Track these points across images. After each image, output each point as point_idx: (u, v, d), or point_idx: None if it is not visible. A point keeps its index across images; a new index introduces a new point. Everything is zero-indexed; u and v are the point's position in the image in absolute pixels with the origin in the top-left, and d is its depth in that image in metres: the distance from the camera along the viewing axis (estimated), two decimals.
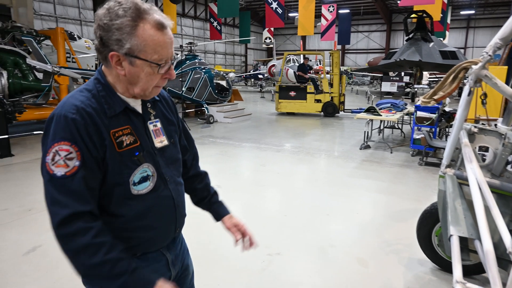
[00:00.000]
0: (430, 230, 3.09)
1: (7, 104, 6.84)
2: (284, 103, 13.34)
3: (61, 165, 1.05)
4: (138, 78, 1.14)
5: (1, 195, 4.86)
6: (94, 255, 1.05)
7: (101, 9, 1.11)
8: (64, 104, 1.11)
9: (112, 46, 1.10)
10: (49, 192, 1.07)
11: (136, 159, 1.18)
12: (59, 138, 1.06)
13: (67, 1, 25.18)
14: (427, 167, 6.54)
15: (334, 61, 12.78)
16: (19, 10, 10.51)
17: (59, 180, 1.05)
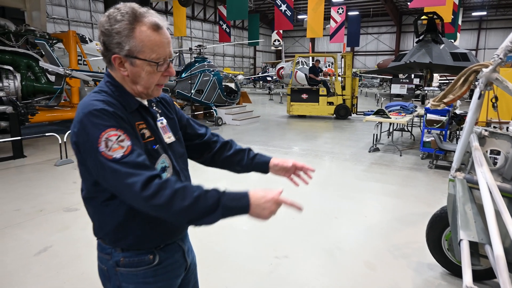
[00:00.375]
0: (440, 234, 3.06)
1: (20, 106, 6.97)
2: (296, 105, 13.23)
3: (116, 148, 1.11)
4: (140, 77, 1.22)
5: (14, 196, 4.95)
6: (185, 198, 1.11)
7: (102, 17, 1.20)
8: (87, 104, 1.16)
9: (114, 49, 1.18)
10: (117, 174, 1.10)
11: (156, 150, 1.26)
12: (102, 128, 1.11)
13: (79, 5, 25.58)
14: (437, 170, 6.47)
15: (346, 63, 12.70)
16: (33, 14, 10.71)
17: (121, 160, 1.10)
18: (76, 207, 4.57)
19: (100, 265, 1.34)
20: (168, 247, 1.35)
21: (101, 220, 1.29)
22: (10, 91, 7.92)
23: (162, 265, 1.32)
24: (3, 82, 7.96)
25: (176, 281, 1.41)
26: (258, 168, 1.63)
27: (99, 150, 1.10)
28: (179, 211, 1.11)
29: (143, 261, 1.28)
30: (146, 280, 1.30)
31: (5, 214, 4.34)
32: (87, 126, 1.12)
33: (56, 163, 6.49)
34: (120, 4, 1.19)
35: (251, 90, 28.88)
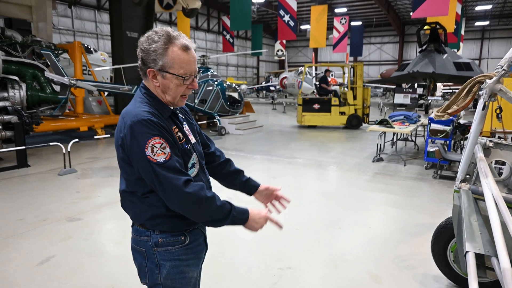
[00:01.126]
0: (445, 245, 3.02)
1: (25, 116, 7.02)
2: (308, 116, 13.11)
3: (160, 154, 1.39)
4: (169, 88, 1.49)
5: (17, 205, 4.96)
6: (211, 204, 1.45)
7: (143, 37, 1.47)
8: (135, 114, 1.42)
9: (149, 64, 1.45)
10: (160, 174, 1.39)
11: (189, 149, 1.56)
12: (150, 135, 1.38)
13: (85, 16, 25.94)
14: (442, 181, 6.42)
15: (357, 73, 12.68)
16: (39, 25, 10.86)
17: (164, 164, 1.39)
18: (79, 216, 4.57)
19: (136, 248, 1.58)
20: (194, 230, 1.62)
21: (142, 209, 1.53)
22: (15, 100, 8.00)
23: (191, 245, 1.59)
24: (9, 92, 8.05)
25: (199, 262, 1.69)
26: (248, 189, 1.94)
27: (146, 154, 1.38)
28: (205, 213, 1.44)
29: (177, 241, 1.55)
30: (180, 257, 1.56)
31: (9, 223, 4.34)
32: (136, 133, 1.39)
33: (59, 173, 6.51)
34: (158, 28, 1.47)
35: (254, 100, 28.99)
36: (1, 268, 3.32)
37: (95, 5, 26.41)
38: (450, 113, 2.30)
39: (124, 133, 1.42)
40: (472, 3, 31.00)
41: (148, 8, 11.62)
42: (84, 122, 9.91)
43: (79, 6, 25.09)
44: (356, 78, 12.74)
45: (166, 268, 1.54)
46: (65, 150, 6.62)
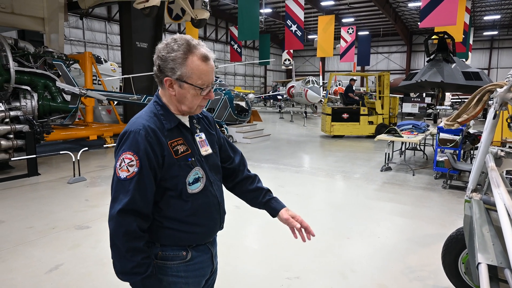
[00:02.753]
0: (456, 256, 2.97)
1: (36, 125, 7.13)
2: (337, 125, 12.93)
3: (124, 170, 1.36)
4: (185, 98, 1.44)
5: (27, 213, 5.01)
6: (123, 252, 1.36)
7: (160, 44, 1.43)
8: (134, 123, 1.42)
9: (167, 72, 1.41)
10: (114, 189, 1.38)
11: (189, 163, 1.46)
12: (126, 149, 1.37)
13: (95, 27, 26.44)
14: (452, 191, 6.34)
15: (384, 82, 12.60)
16: (51, 36, 11.08)
17: (121, 181, 1.36)
18: (87, 224, 4.59)
19: None
20: (199, 247, 1.55)
21: None
22: (27, 110, 8.14)
23: (193, 262, 1.52)
24: (21, 101, 8.20)
25: (203, 280, 1.61)
26: (269, 211, 1.79)
27: (115, 165, 1.38)
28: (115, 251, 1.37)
29: (177, 256, 1.49)
30: (179, 274, 1.49)
31: (19, 231, 4.38)
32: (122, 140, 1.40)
33: (69, 181, 6.57)
34: (177, 36, 1.42)
35: (261, 109, 29.07)
36: (11, 276, 3.34)
37: (106, 16, 26.92)
38: (460, 122, 2.28)
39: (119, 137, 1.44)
40: (481, 13, 30.93)
41: (157, 19, 11.79)
42: (94, 131, 10.03)
43: (90, 17, 25.59)
44: (383, 87, 12.61)
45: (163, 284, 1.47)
46: (74, 158, 6.70)
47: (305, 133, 14.73)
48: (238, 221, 4.83)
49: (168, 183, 1.43)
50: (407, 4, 29.38)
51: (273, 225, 4.74)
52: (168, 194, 1.44)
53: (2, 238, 4.18)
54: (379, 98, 12.72)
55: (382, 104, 12.65)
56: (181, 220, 1.47)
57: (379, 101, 12.63)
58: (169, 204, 1.45)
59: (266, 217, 5.03)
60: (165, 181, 1.43)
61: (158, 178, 1.41)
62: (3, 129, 6.56)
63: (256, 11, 15.88)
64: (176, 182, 1.43)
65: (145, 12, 9.26)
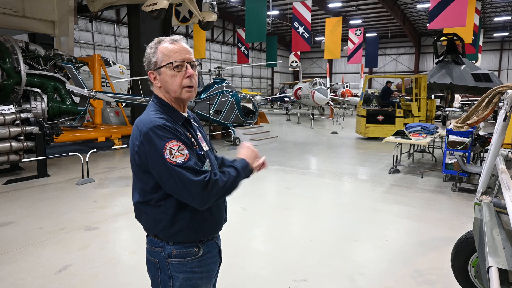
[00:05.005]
0: (466, 260, 2.93)
1: (46, 127, 7.22)
2: (372, 127, 12.83)
3: (179, 156, 1.42)
4: (167, 82, 1.53)
5: (37, 214, 5.07)
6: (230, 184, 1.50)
7: None
8: (149, 120, 1.47)
9: (149, 68, 1.56)
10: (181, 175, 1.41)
11: (202, 155, 1.57)
12: (167, 139, 1.42)
13: (104, 30, 26.72)
14: (461, 193, 6.26)
15: (421, 85, 12.45)
16: (61, 39, 11.23)
17: (183, 165, 1.41)
18: (96, 225, 4.63)
19: (150, 259, 1.59)
20: (208, 242, 1.63)
21: (156, 218, 1.53)
22: (37, 112, 8.25)
23: (205, 257, 1.59)
24: (31, 103, 8.31)
25: (213, 275, 1.69)
26: None
27: (165, 157, 1.40)
28: (224, 193, 1.49)
29: (190, 253, 1.55)
30: (193, 269, 1.56)
31: (29, 232, 4.43)
32: (153, 138, 1.42)
33: (78, 182, 6.64)
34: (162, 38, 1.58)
35: (268, 111, 29.06)
36: (21, 276, 3.38)
37: (115, 19, 27.19)
38: (470, 124, 2.25)
39: (140, 140, 1.45)
40: (491, 14, 30.59)
41: (165, 21, 11.89)
42: (102, 133, 10.12)
43: (99, 20, 25.87)
44: (420, 89, 12.44)
45: (179, 281, 1.53)
46: (83, 160, 6.76)
47: (312, 135, 14.69)
48: (245, 223, 4.83)
49: None
50: (415, 6, 29.19)
51: (280, 227, 4.74)
52: None
53: (13, 238, 4.24)
54: (416, 100, 12.53)
55: (418, 106, 12.46)
56: (193, 214, 1.53)
57: (416, 103, 12.39)
58: None
59: (273, 219, 5.04)
60: None
61: None
62: (14, 131, 6.66)
63: (263, 13, 15.91)
64: None
65: (153, 14, 9.34)
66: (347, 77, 40.01)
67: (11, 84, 8.06)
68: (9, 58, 8.05)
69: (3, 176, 7.00)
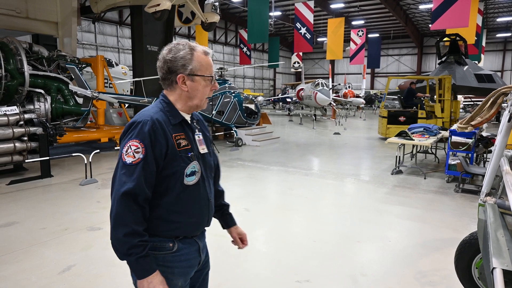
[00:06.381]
0: (469, 261, 2.93)
1: (49, 128, 7.25)
2: (393, 128, 12.60)
3: (130, 156, 1.47)
4: (197, 90, 1.61)
5: (40, 214, 5.09)
6: (124, 231, 1.43)
7: (164, 50, 1.60)
8: (142, 114, 1.55)
9: (179, 70, 1.57)
10: (118, 172, 1.48)
11: (189, 157, 1.59)
12: (133, 137, 1.49)
13: (107, 31, 26.81)
14: (464, 194, 6.24)
15: (446, 86, 12.34)
16: (64, 40, 11.28)
17: (127, 165, 1.47)
18: (99, 226, 4.64)
19: None
20: (186, 239, 1.64)
21: None
22: (41, 113, 8.28)
23: (179, 253, 1.60)
24: (35, 104, 8.35)
25: (190, 271, 1.69)
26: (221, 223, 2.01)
27: (121, 151, 1.49)
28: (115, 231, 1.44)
29: (164, 247, 1.58)
30: (166, 264, 1.58)
31: (32, 232, 4.45)
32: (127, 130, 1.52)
33: (81, 183, 6.66)
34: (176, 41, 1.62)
35: (270, 111, 29.06)
36: (25, 276, 3.40)
37: (117, 20, 27.28)
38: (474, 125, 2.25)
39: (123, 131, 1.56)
40: (494, 14, 30.50)
41: (167, 22, 11.93)
42: (105, 134, 10.15)
43: (102, 21, 25.97)
44: (444, 90, 12.33)
45: None
46: (86, 160, 6.79)
47: (314, 136, 14.68)
48: (248, 224, 4.83)
49: (168, 171, 1.54)
50: (418, 6, 29.14)
51: (282, 228, 4.74)
52: (166, 183, 1.54)
53: (17, 238, 4.25)
54: (439, 101, 12.40)
55: (442, 107, 12.33)
56: (172, 210, 1.57)
57: (439, 104, 12.25)
58: (165, 193, 1.55)
59: (276, 220, 5.05)
60: (166, 170, 1.53)
61: (160, 167, 1.52)
62: (18, 132, 6.69)
63: (265, 14, 15.92)
64: (175, 171, 1.55)
65: (156, 16, 9.37)
66: (349, 78, 40.02)
67: (15, 85, 8.10)
68: (13, 59, 8.09)
69: (7, 176, 7.03)
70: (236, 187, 6.86)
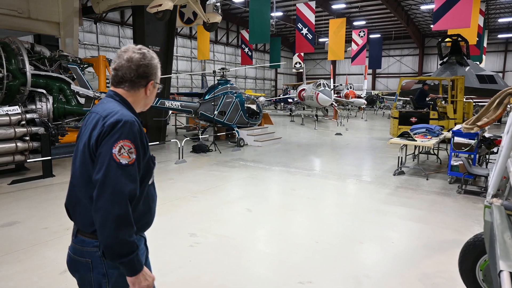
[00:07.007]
0: (474, 263, 2.90)
1: (51, 127, 7.24)
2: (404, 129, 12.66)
3: (125, 156, 1.47)
4: (153, 96, 1.73)
5: (42, 214, 5.08)
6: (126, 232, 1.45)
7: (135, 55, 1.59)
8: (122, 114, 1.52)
9: (151, 77, 1.65)
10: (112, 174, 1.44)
11: (153, 157, 1.70)
12: (124, 137, 1.48)
13: (109, 31, 26.83)
14: (467, 196, 6.22)
15: (458, 86, 12.23)
16: (66, 41, 11.28)
17: (123, 167, 1.46)
18: None
19: (80, 259, 1.58)
20: (137, 237, 1.64)
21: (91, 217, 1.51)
22: (42, 113, 8.27)
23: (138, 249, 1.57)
24: (37, 104, 8.34)
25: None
26: None
27: (112, 151, 1.45)
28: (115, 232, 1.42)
29: None
30: None
31: (34, 232, 4.44)
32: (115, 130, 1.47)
33: None
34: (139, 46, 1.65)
35: (272, 112, 29.04)
36: (26, 276, 3.39)
37: (119, 21, 27.29)
38: (480, 125, 2.23)
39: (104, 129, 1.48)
40: (495, 15, 30.44)
41: (169, 22, 11.92)
42: None
43: (103, 22, 25.98)
44: (456, 91, 12.24)
45: (114, 276, 1.56)
46: None
47: (316, 136, 14.66)
48: (250, 224, 4.81)
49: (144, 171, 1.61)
50: (419, 7, 29.09)
51: (284, 229, 4.72)
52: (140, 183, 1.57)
53: (18, 238, 4.25)
54: (451, 102, 12.26)
55: (455, 108, 12.18)
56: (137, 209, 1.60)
57: (451, 105, 12.08)
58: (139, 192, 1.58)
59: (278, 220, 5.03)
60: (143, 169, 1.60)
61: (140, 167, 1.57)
62: (20, 131, 6.69)
63: (267, 14, 15.91)
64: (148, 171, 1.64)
65: (158, 16, 9.36)
66: (350, 79, 39.98)
67: (17, 85, 8.09)
68: (15, 59, 8.08)
69: (9, 176, 7.03)
70: (238, 188, 6.84)
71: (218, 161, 9.14)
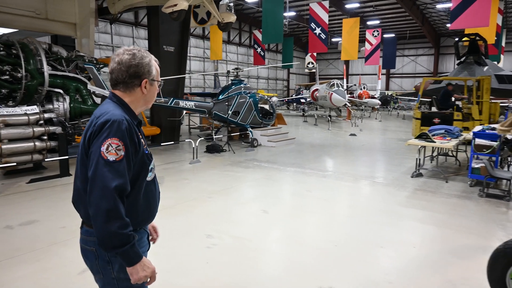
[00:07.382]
0: (504, 271, 2.78)
1: (68, 127, 7.31)
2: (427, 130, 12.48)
3: (112, 153, 1.54)
4: (153, 93, 1.81)
5: (60, 213, 5.11)
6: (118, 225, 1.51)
7: (125, 56, 1.67)
8: (113, 114, 1.60)
9: (144, 75, 1.72)
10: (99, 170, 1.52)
11: (148, 155, 1.77)
12: (111, 135, 1.55)
13: (123, 32, 27.13)
14: (489, 199, 6.03)
15: (484, 87, 11.96)
16: (82, 41, 11.40)
17: (110, 163, 1.53)
18: None
19: (87, 248, 1.74)
20: (140, 230, 1.79)
21: None
22: (59, 112, 8.37)
23: (138, 243, 1.69)
24: (54, 104, 8.44)
25: None
26: None
27: (100, 149, 1.53)
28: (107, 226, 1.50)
29: None
30: None
31: (52, 231, 4.46)
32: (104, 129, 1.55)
33: None
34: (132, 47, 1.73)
35: (285, 112, 28.92)
36: (44, 276, 3.39)
37: (133, 21, 27.57)
38: None
39: (94, 129, 1.58)
40: None
41: (184, 23, 11.94)
42: None
43: (118, 23, 26.28)
44: (482, 92, 11.96)
45: (117, 263, 1.66)
46: None
47: (330, 137, 14.51)
48: (266, 226, 4.75)
49: (138, 168, 1.67)
50: (435, 6, 28.57)
51: (302, 231, 4.65)
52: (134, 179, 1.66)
53: (37, 237, 4.27)
54: (477, 103, 11.89)
55: (480, 109, 11.84)
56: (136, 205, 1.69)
57: (476, 106, 11.78)
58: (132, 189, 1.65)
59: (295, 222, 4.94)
60: (136, 167, 1.66)
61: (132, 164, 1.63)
62: (38, 131, 6.76)
63: (280, 14, 15.81)
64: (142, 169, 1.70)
65: (173, 16, 9.38)
66: (364, 79, 39.51)
67: (35, 85, 8.20)
68: (33, 60, 8.19)
69: (27, 175, 7.12)
70: (253, 188, 6.79)
71: (232, 161, 9.10)
